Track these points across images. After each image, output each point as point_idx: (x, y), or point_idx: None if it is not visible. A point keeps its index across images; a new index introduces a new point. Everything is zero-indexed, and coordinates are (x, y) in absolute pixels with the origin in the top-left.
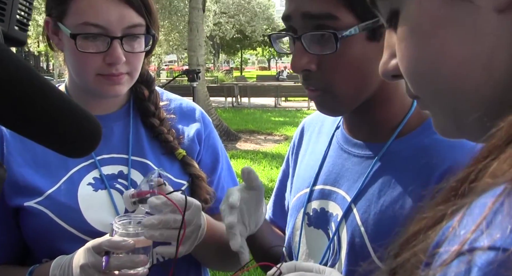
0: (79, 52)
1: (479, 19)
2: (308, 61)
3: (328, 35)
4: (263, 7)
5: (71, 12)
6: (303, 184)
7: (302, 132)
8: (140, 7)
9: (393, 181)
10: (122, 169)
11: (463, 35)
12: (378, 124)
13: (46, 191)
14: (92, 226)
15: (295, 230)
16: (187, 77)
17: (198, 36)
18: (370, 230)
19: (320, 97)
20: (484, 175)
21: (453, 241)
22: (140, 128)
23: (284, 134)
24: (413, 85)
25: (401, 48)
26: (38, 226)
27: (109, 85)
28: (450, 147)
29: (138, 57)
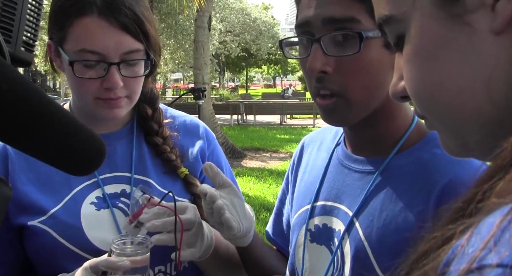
0: (76, 78)
1: (477, 41)
2: (325, 63)
3: (351, 36)
4: (268, 25)
5: (69, 38)
6: (304, 200)
7: (302, 150)
8: (138, 33)
9: (395, 195)
10: (125, 187)
11: (463, 57)
12: (380, 139)
13: (50, 210)
14: (95, 245)
15: (298, 247)
16: (193, 95)
17: (204, 55)
18: (374, 244)
19: (332, 105)
20: (490, 195)
21: (462, 259)
22: (143, 147)
23: (290, 152)
24: (418, 106)
25: (406, 70)
26: (41, 245)
27: (108, 109)
28: (450, 162)
29: (137, 81)
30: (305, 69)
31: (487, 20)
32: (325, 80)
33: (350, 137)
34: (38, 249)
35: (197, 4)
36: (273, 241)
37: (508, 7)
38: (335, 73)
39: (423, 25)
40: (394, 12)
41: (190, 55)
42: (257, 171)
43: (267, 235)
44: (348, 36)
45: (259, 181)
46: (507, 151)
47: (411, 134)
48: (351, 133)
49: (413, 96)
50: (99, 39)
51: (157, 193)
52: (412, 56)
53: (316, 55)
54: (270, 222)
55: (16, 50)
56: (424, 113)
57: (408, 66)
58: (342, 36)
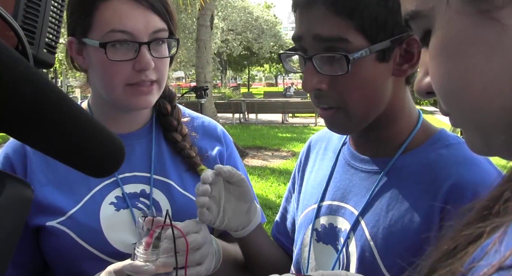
0: (109, 62)
1: (506, 38)
2: (319, 81)
3: (339, 57)
4: (270, 24)
5: (96, 24)
6: (310, 200)
7: (308, 150)
8: (164, 12)
9: (401, 195)
10: (144, 187)
11: (491, 53)
12: (385, 140)
13: (68, 210)
14: (114, 246)
15: (304, 246)
16: (195, 94)
17: (206, 53)
18: (380, 244)
19: (333, 116)
20: None
21: (494, 257)
22: (162, 146)
23: (292, 151)
24: (444, 102)
25: (432, 66)
26: (59, 246)
27: (138, 96)
28: (456, 163)
29: (165, 63)
30: None
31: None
32: (322, 96)
33: (355, 138)
34: (55, 250)
35: (200, 2)
36: (278, 240)
37: None
38: (331, 89)
39: (450, 20)
40: (422, 8)
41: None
42: (259, 170)
43: (272, 233)
44: (336, 57)
45: (261, 180)
46: None
47: (417, 134)
48: (356, 135)
49: (439, 92)
50: (128, 18)
51: (178, 195)
52: (439, 51)
53: (309, 74)
54: (276, 220)
55: (39, 52)
56: (449, 110)
57: (434, 61)
58: (331, 56)
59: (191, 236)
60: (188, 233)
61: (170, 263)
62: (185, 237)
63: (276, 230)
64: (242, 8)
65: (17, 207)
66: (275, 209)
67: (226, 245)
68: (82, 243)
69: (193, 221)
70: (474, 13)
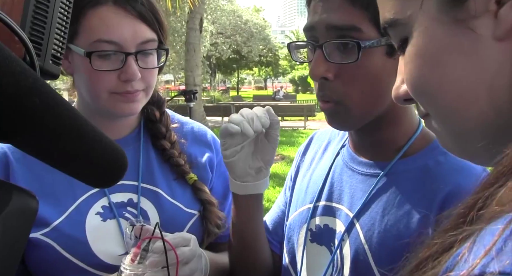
0: (93, 71)
1: (481, 47)
2: (327, 69)
3: (351, 44)
4: (260, 27)
5: (83, 31)
6: (305, 199)
7: (309, 145)
8: (153, 22)
9: (397, 200)
10: (132, 196)
11: (467, 61)
12: (384, 144)
13: (53, 222)
14: (100, 258)
15: (299, 245)
16: (184, 97)
17: (195, 57)
18: (374, 248)
19: (333, 109)
20: (492, 202)
21: (463, 266)
22: (150, 153)
23: (281, 154)
24: (422, 104)
25: (407, 71)
26: (44, 259)
27: (124, 103)
28: (453, 170)
29: (153, 73)
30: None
31: (490, 26)
32: (325, 87)
33: (354, 140)
34: (39, 263)
35: (189, 5)
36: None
37: (511, 14)
38: (336, 80)
39: (427, 28)
40: (399, 16)
41: (181, 57)
42: None
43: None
44: (348, 45)
45: None
46: (509, 157)
47: (416, 140)
48: (355, 136)
49: (415, 95)
50: (116, 28)
51: (167, 204)
52: (415, 57)
53: (318, 61)
54: (267, 215)
55: (45, 64)
56: (428, 111)
57: (409, 66)
58: (342, 44)
59: (180, 249)
60: (176, 246)
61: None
62: (174, 250)
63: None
64: (231, 11)
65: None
66: (264, 213)
67: (213, 257)
68: (67, 255)
69: (182, 234)
70: (450, 22)
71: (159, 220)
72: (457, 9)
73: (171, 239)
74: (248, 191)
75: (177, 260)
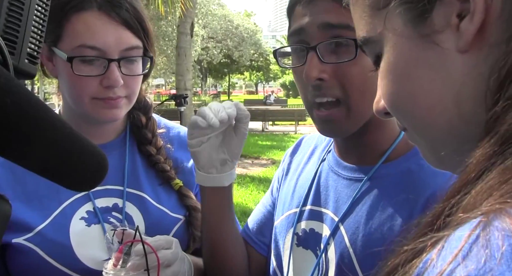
0: (75, 76)
1: (446, 59)
2: (322, 70)
3: (346, 43)
4: (251, 32)
5: (66, 35)
6: (292, 203)
7: (297, 148)
8: (138, 29)
9: (381, 204)
10: (117, 201)
11: (433, 74)
12: (368, 148)
13: (36, 226)
14: (84, 263)
15: (285, 249)
16: (175, 102)
17: (186, 61)
18: (359, 251)
19: (331, 115)
20: (458, 209)
21: (432, 272)
22: (136, 158)
23: (271, 159)
24: (398, 118)
25: (381, 86)
26: (27, 264)
27: (106, 109)
28: (435, 174)
29: (136, 80)
30: (299, 78)
31: (453, 39)
32: (322, 88)
33: (339, 144)
34: (23, 269)
35: (181, 10)
36: (244, 233)
37: (471, 27)
38: (332, 79)
39: (395, 44)
40: (371, 34)
41: (172, 61)
42: (238, 178)
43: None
44: (343, 44)
45: (241, 187)
46: (472, 165)
47: (399, 144)
48: (340, 140)
49: (391, 110)
50: (100, 34)
51: (152, 209)
52: (387, 73)
53: (312, 63)
54: (251, 216)
55: (20, 63)
56: (404, 125)
57: (383, 82)
58: (337, 44)
59: (161, 252)
60: (158, 249)
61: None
62: (155, 252)
63: (247, 227)
64: (222, 16)
65: None
66: None
67: (198, 261)
68: (51, 260)
69: (164, 237)
70: (416, 37)
71: (144, 224)
72: (421, 25)
73: (152, 242)
74: (211, 183)
75: (158, 263)
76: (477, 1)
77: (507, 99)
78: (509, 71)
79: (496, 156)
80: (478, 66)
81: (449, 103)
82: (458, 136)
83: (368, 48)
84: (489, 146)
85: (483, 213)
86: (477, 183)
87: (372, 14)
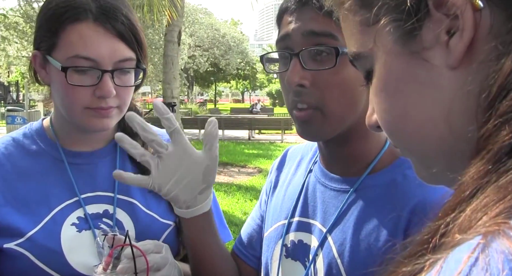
0: (68, 85)
1: (435, 76)
2: (303, 76)
3: (327, 51)
4: (237, 41)
5: (61, 45)
6: (280, 215)
7: (283, 161)
8: (132, 42)
9: (368, 214)
10: (107, 207)
11: (424, 91)
12: (354, 159)
13: (27, 232)
14: (75, 269)
15: (273, 261)
16: None
17: (173, 69)
18: (346, 261)
19: (308, 117)
20: (453, 228)
21: None
22: (126, 165)
23: (258, 167)
24: (389, 136)
25: (375, 103)
26: (18, 269)
27: (97, 119)
28: (420, 184)
29: (128, 91)
30: (283, 83)
31: (442, 56)
32: (302, 94)
33: (324, 155)
34: (14, 274)
35: (168, 18)
36: (236, 248)
37: (460, 44)
38: (312, 87)
39: (386, 61)
40: (362, 49)
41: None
42: (225, 186)
43: (233, 247)
44: (324, 52)
45: (227, 196)
46: (466, 183)
47: (384, 155)
48: (325, 151)
49: (383, 128)
50: (94, 45)
51: (142, 215)
52: (379, 90)
53: (294, 69)
54: (243, 229)
55: None
56: (395, 144)
57: (375, 99)
58: (319, 51)
59: (151, 256)
60: (147, 252)
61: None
62: (145, 255)
63: (239, 241)
64: (209, 24)
65: None
66: (240, 226)
67: (187, 268)
68: (42, 265)
69: (153, 242)
70: (405, 54)
71: (134, 230)
72: (411, 42)
73: (142, 245)
74: (193, 214)
75: (147, 266)
76: (466, 18)
77: (499, 117)
78: (499, 88)
79: (490, 174)
80: (468, 82)
81: (439, 120)
82: (449, 153)
83: (359, 63)
84: (482, 164)
85: (481, 234)
86: (471, 201)
87: (362, 30)
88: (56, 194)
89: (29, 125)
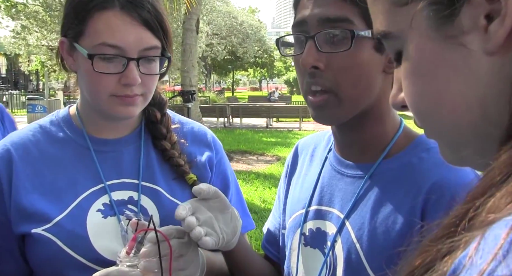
0: (95, 72)
1: (472, 61)
2: (318, 59)
3: (343, 34)
4: (255, 29)
5: (88, 33)
6: (298, 205)
7: (296, 155)
8: (158, 30)
9: (384, 198)
10: (132, 194)
11: (458, 76)
12: (368, 144)
13: (55, 217)
14: (101, 254)
15: (292, 250)
16: (182, 98)
17: (192, 57)
18: (365, 246)
19: (324, 101)
20: (482, 211)
21: (471, 270)
22: (151, 152)
23: (276, 155)
24: (417, 119)
25: (405, 85)
26: (45, 254)
27: (122, 106)
28: (436, 165)
29: (153, 79)
30: (298, 66)
31: (480, 41)
32: (317, 76)
33: (339, 141)
34: (41, 258)
35: (186, 6)
36: (266, 250)
37: (501, 30)
38: (327, 69)
39: (419, 45)
40: (392, 29)
41: (177, 58)
42: (244, 174)
43: (262, 244)
44: (340, 34)
45: (246, 184)
46: (496, 169)
47: (398, 139)
48: (340, 137)
49: (412, 110)
50: (121, 33)
51: (167, 202)
52: (410, 73)
53: (310, 51)
54: (267, 229)
55: None
56: (422, 126)
57: (406, 82)
58: (335, 34)
59: (174, 241)
60: (170, 237)
61: (151, 267)
62: (168, 240)
63: (266, 239)
64: (227, 12)
65: None
66: (260, 214)
67: (210, 255)
68: (68, 250)
69: (177, 227)
70: (440, 38)
71: (158, 217)
72: (448, 26)
73: (165, 230)
74: (237, 238)
75: (170, 250)
76: (509, 3)
77: None
78: None
79: None
80: (504, 68)
81: (473, 104)
82: (480, 137)
83: (388, 42)
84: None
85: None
86: (502, 186)
87: (393, 9)
88: (82, 180)
89: (56, 113)
